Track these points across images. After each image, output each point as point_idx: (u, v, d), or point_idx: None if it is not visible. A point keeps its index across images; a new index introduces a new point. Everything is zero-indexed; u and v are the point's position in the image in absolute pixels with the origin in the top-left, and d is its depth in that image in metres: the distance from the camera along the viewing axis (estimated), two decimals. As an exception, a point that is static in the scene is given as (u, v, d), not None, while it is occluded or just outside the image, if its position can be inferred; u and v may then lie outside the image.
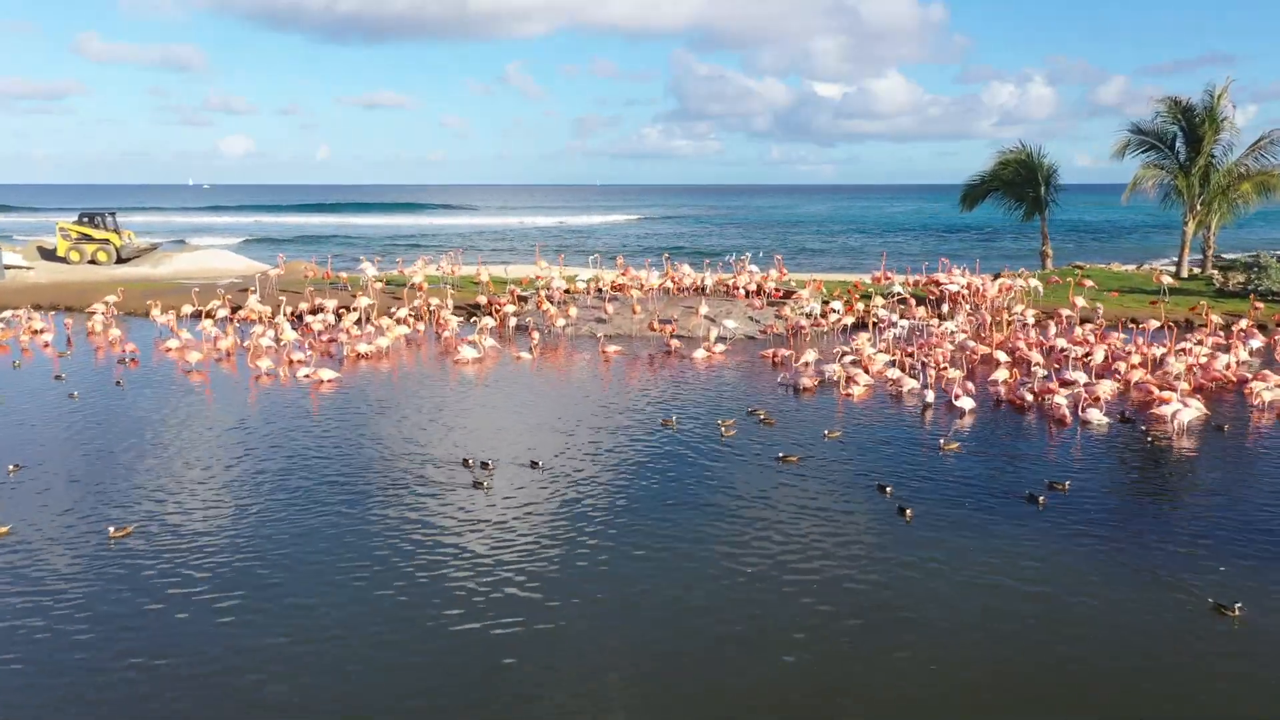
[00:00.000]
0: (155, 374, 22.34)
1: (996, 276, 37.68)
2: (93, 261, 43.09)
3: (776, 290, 30.38)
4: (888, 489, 13.85)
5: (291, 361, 22.84)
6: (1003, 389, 19.58)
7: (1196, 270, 36.39)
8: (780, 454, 15.55)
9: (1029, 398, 18.77)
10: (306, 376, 21.25)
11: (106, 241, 43.86)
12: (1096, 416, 17.50)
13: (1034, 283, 30.46)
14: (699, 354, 23.81)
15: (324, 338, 25.72)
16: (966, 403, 18.33)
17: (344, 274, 35.68)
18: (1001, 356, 22.82)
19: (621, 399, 19.67)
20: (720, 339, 25.31)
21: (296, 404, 19.25)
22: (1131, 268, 41.92)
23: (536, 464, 15.00)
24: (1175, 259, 37.51)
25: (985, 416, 18.20)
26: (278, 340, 24.68)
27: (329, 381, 21.08)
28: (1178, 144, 35.84)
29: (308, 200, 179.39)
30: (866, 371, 21.04)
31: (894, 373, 20.65)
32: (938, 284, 30.61)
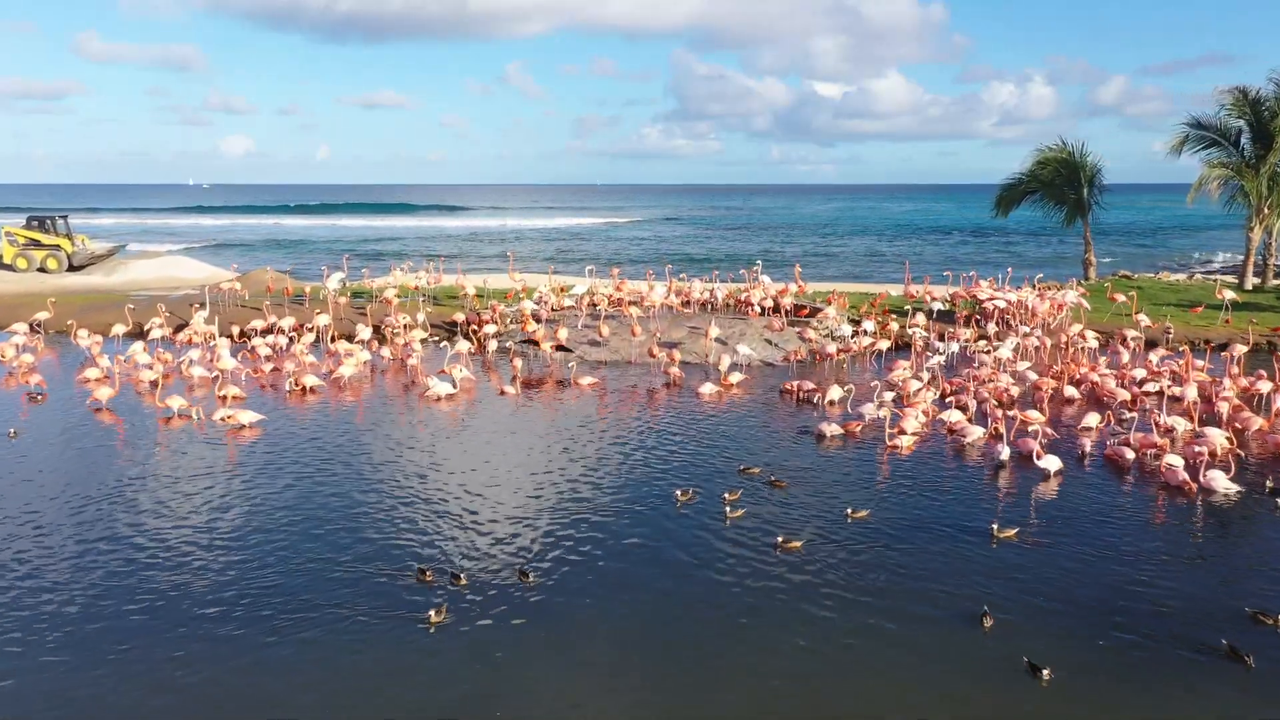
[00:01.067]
0: (61, 417, 18.55)
1: (1036, 288, 34.05)
2: (42, 269, 39.36)
3: (803, 309, 26.56)
4: (986, 618, 9.77)
5: (227, 399, 19.13)
6: (1088, 440, 15.75)
7: (1256, 280, 32.69)
8: (780, 538, 11.84)
9: (1129, 454, 14.99)
10: (224, 420, 17.39)
11: (57, 247, 40.11)
12: (1223, 483, 13.71)
13: (1072, 296, 26.73)
14: (707, 389, 19.95)
15: (269, 366, 21.88)
16: (1052, 462, 14.51)
17: (309, 285, 31.93)
18: (1072, 393, 19.10)
19: (614, 455, 15.90)
20: (734, 367, 21.48)
21: (196, 467, 15.26)
22: (1181, 277, 38.17)
23: (526, 575, 11.05)
24: (1208, 264, 33.82)
25: (1078, 482, 14.39)
26: (213, 369, 20.93)
27: (250, 428, 17.13)
28: (1243, 140, 32.11)
29: (308, 200, 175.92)
30: (910, 411, 17.31)
31: (952, 415, 16.86)
32: (977, 299, 26.86)
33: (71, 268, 40.00)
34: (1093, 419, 16.71)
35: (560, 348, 23.35)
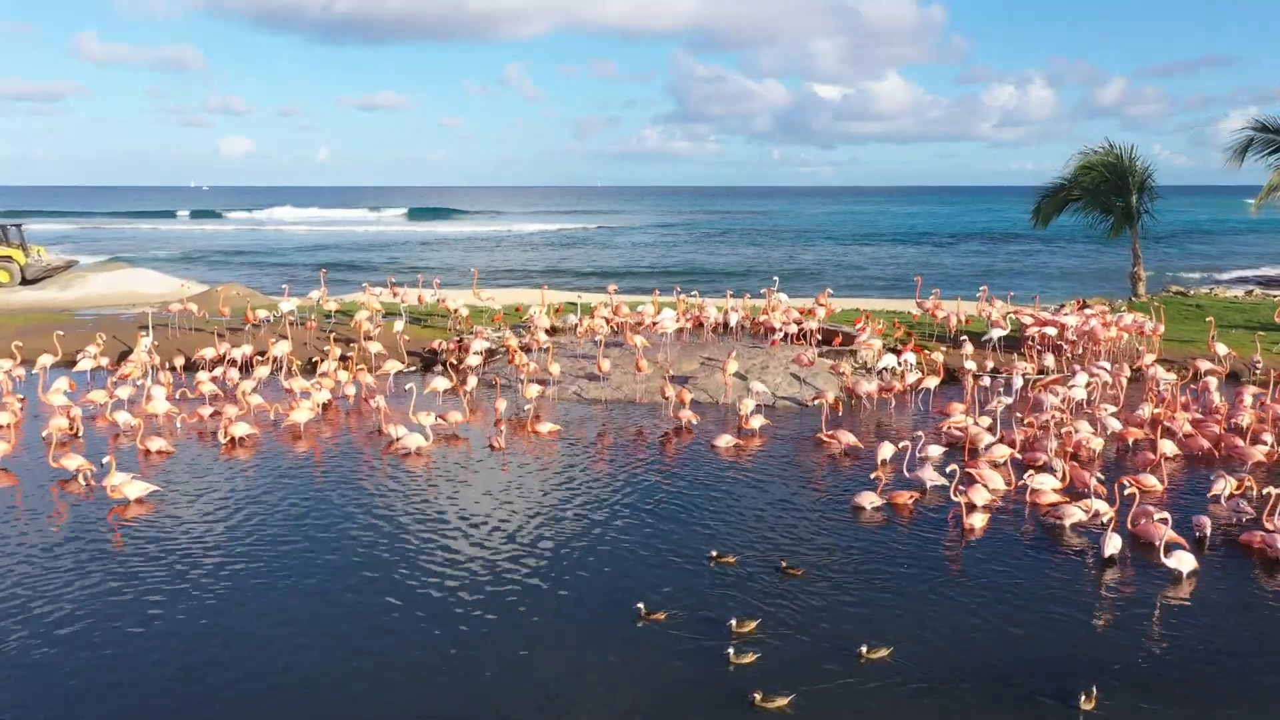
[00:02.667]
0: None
1: (1084, 306, 30.82)
2: (-8, 283, 36.24)
3: (836, 335, 23.24)
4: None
5: (152, 452, 15.89)
6: (1205, 522, 12.41)
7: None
8: (757, 694, 8.44)
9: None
10: (114, 490, 13.53)
11: (8, 259, 36.99)
12: None
13: (1129, 319, 23.54)
14: (723, 441, 16.54)
15: (209, 409, 18.43)
16: (1184, 561, 11.17)
17: (290, 302, 28.60)
18: (1169, 448, 15.80)
19: (611, 528, 12.64)
20: (757, 409, 18.12)
21: (70, 556, 12.09)
22: (1238, 294, 34.92)
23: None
24: (1240, 276, 30.59)
25: (1221, 589, 11.08)
26: (144, 409, 17.64)
27: (140, 504, 13.48)
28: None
29: (307, 201, 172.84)
30: (986, 477, 14.04)
31: (1042, 482, 13.51)
32: (1022, 322, 23.60)
33: (25, 281, 36.91)
34: (1222, 487, 13.38)
35: (540, 381, 20.07)
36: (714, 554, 11.62)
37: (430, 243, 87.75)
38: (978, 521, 12.60)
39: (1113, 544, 11.47)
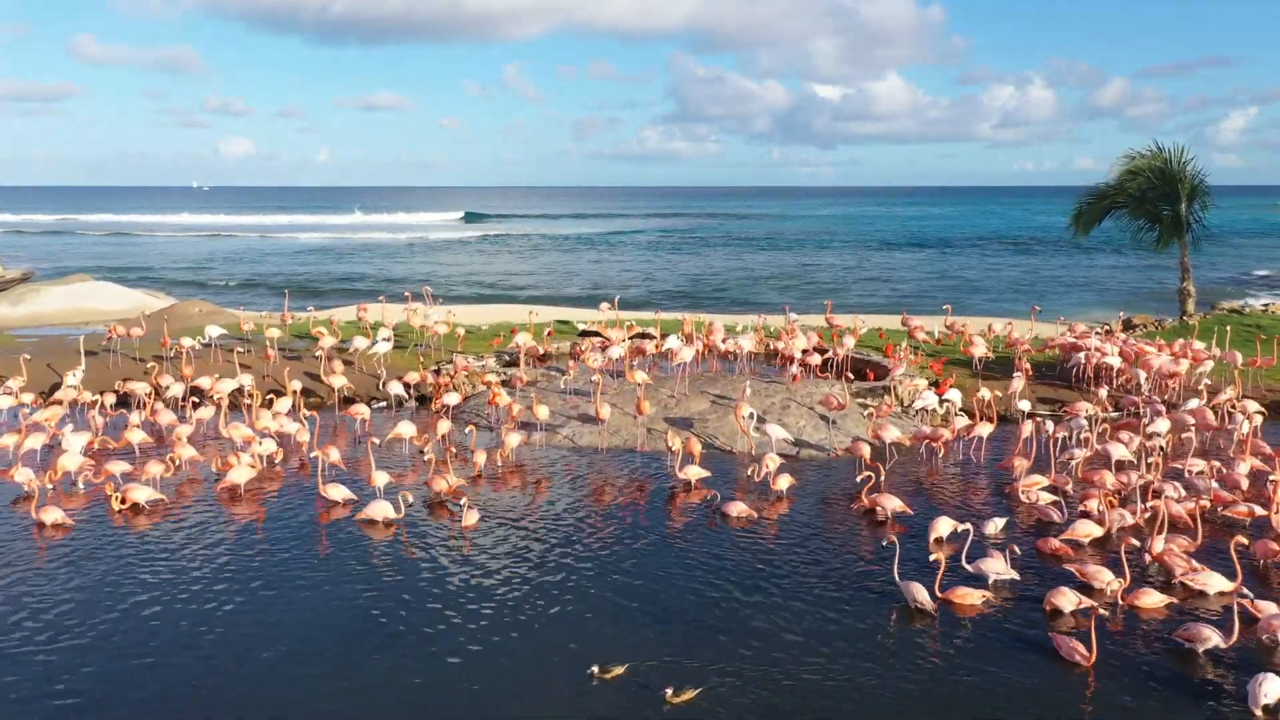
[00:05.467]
0: None
1: (1129, 326, 28.05)
2: (-62, 298, 33.45)
3: (870, 369, 20.37)
4: None
5: (46, 525, 13.02)
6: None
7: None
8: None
9: None
10: None
11: (-48, 272, 34.20)
12: None
13: (1199, 345, 20.73)
14: (736, 510, 13.44)
15: (119, 467, 15.28)
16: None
17: (260, 319, 25.74)
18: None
19: (581, 632, 9.79)
20: (783, 469, 14.84)
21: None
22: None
23: None
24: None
25: None
26: (51, 466, 14.75)
27: None
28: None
29: (308, 202, 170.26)
30: (1078, 568, 11.19)
31: (1151, 599, 10.64)
32: (1070, 347, 20.75)
33: (-27, 296, 34.11)
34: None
35: (526, 424, 17.30)
36: (598, 668, 9.10)
37: (394, 250, 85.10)
38: (1081, 650, 9.50)
39: (1270, 690, 8.55)
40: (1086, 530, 12.12)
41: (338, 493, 13.86)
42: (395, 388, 19.49)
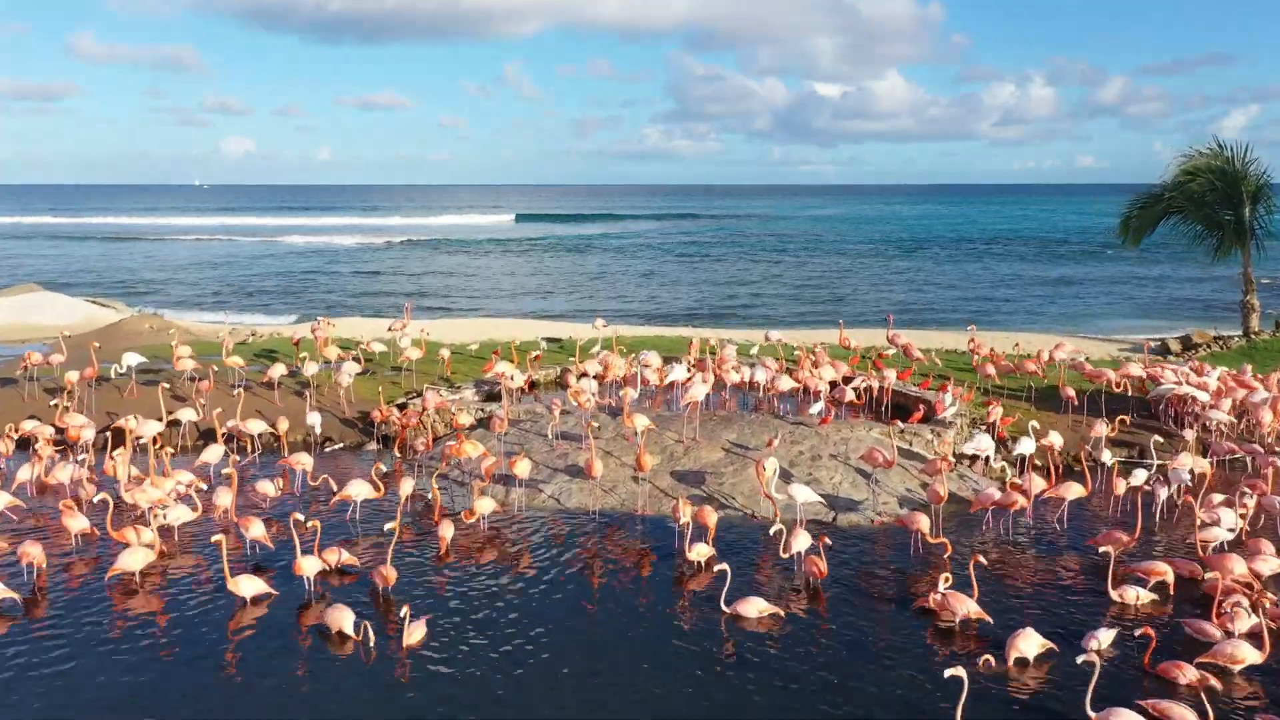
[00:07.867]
0: None
1: (1189, 346, 25.08)
2: None
3: (918, 408, 17.17)
4: None
5: None
6: None
7: None
8: None
9: None
10: None
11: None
12: None
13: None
14: (752, 610, 10.39)
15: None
16: None
17: (227, 336, 22.60)
18: None
19: None
20: (814, 546, 11.71)
21: None
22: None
23: None
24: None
25: None
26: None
27: None
28: None
29: (309, 202, 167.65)
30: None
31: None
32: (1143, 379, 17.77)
33: (-91, 309, 31.04)
34: None
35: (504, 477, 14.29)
36: None
37: (373, 256, 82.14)
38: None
39: None
40: (1242, 655, 9.06)
41: (249, 586, 10.78)
42: (313, 419, 16.56)
